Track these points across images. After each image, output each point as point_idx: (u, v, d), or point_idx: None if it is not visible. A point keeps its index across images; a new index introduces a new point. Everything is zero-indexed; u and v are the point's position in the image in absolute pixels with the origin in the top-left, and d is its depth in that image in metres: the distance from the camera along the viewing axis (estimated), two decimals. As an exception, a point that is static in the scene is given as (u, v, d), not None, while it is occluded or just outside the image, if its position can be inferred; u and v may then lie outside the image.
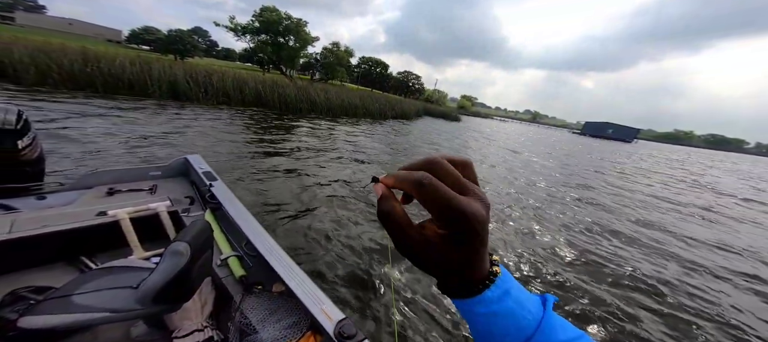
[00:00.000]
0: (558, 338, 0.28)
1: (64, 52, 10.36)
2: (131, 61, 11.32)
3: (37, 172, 2.00)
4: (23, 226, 1.53)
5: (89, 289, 1.09)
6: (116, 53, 12.22)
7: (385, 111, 21.84)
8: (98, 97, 9.67)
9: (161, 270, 1.04)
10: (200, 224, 1.21)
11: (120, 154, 4.82)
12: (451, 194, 0.26)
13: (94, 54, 11.02)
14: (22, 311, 1.01)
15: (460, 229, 0.26)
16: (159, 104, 10.35)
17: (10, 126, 1.77)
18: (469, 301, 0.30)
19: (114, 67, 10.75)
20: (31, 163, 1.92)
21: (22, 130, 1.83)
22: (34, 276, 1.50)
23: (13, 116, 1.80)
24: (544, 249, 3.91)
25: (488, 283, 0.30)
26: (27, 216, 1.62)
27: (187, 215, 2.02)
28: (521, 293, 0.31)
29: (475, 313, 0.30)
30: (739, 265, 4.38)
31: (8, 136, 1.76)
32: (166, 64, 12.79)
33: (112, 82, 10.67)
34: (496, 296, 0.30)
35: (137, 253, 1.70)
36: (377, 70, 60.17)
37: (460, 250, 0.27)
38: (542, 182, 8.34)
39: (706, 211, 7.79)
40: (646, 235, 5.13)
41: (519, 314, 0.29)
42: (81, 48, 11.46)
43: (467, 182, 0.28)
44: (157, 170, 2.49)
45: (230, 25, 34.38)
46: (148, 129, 6.70)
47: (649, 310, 2.93)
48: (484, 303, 0.30)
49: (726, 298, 3.38)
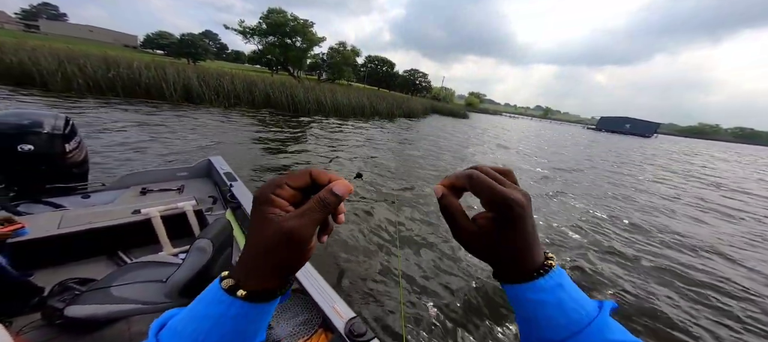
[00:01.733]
0: (614, 338, 0.29)
1: (88, 58, 10.95)
2: (147, 66, 11.79)
3: (83, 173, 2.21)
4: (70, 222, 1.70)
5: (125, 282, 1.20)
6: (132, 58, 12.63)
7: (392, 110, 21.67)
8: (119, 101, 10.08)
9: (187, 265, 1.13)
10: (221, 223, 1.29)
11: (150, 155, 5.17)
12: (494, 183, 0.31)
13: (114, 59, 11.53)
14: (68, 301, 1.13)
15: (503, 212, 0.30)
16: (176, 106, 10.82)
17: (59, 131, 1.97)
18: (520, 287, 0.31)
19: (132, 72, 11.23)
20: (78, 164, 2.12)
21: (69, 135, 2.03)
22: (79, 268, 1.66)
23: (61, 122, 2.00)
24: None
25: (542, 272, 0.31)
26: (73, 213, 1.79)
27: (210, 214, 2.15)
28: (577, 293, 0.32)
29: (526, 299, 0.31)
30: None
31: (57, 141, 1.96)
32: (180, 68, 13.17)
33: (131, 86, 11.14)
34: (549, 286, 0.31)
35: (166, 249, 1.83)
36: (383, 68, 59.87)
37: (507, 234, 0.30)
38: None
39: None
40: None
41: (570, 307, 0.30)
42: (103, 54, 12.07)
43: (507, 181, 0.33)
44: (184, 171, 2.66)
45: (239, 28, 34.98)
46: (174, 133, 7.10)
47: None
48: (535, 290, 0.31)
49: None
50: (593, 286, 3.11)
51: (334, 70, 46.69)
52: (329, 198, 0.30)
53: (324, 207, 0.30)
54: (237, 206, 2.18)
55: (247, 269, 0.28)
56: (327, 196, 0.30)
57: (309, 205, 0.29)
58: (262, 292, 0.28)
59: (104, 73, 10.70)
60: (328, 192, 0.30)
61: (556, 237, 4.19)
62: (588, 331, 0.29)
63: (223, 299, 0.27)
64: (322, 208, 0.29)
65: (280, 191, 0.30)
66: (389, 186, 5.50)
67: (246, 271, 0.28)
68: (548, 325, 0.30)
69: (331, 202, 0.30)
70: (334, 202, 0.30)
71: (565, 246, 3.95)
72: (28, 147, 1.81)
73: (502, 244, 0.31)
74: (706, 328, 2.70)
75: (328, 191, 0.30)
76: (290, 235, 0.27)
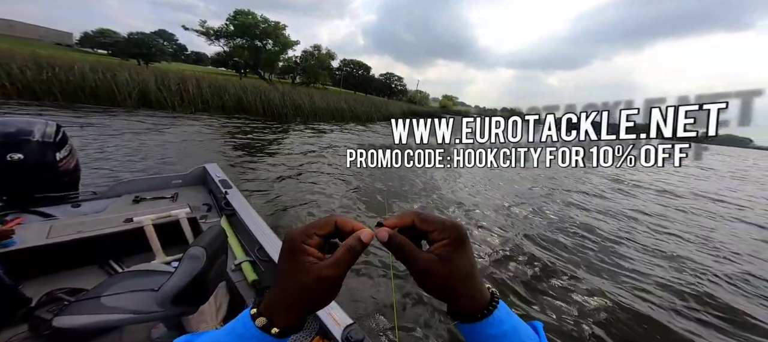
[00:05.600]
0: None
1: (12, 58, 9.42)
2: (92, 67, 10.52)
3: (73, 181, 2.17)
4: (60, 232, 1.66)
5: (116, 292, 1.18)
6: (69, 58, 11.36)
7: (371, 114, 21.39)
8: (58, 106, 8.87)
9: (179, 273, 1.11)
10: (215, 230, 1.27)
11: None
12: (438, 216, 0.35)
13: (47, 60, 10.17)
14: (56, 312, 1.10)
15: (456, 233, 0.33)
16: (132, 112, 9.83)
17: (50, 139, 1.94)
18: (479, 325, 0.33)
19: (72, 74, 9.91)
20: (68, 173, 2.09)
21: (60, 143, 2.00)
22: (68, 278, 1.62)
23: (52, 129, 1.97)
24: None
25: (494, 305, 0.34)
26: (63, 222, 1.76)
27: (205, 221, 2.12)
28: (517, 318, 0.35)
29: (488, 336, 0.33)
30: None
31: (48, 149, 1.93)
32: (133, 69, 12.07)
33: (72, 90, 9.79)
34: (504, 317, 0.34)
35: (159, 258, 1.80)
36: (359, 72, 58.97)
37: (461, 255, 0.33)
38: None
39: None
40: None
41: (524, 334, 0.33)
42: (31, 52, 10.68)
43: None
44: (179, 179, 2.63)
45: (201, 28, 33.01)
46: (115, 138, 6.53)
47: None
48: (494, 324, 0.33)
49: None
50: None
51: (309, 74, 44.98)
52: (357, 246, 0.33)
53: (354, 254, 0.33)
54: (232, 213, 2.16)
55: (277, 308, 0.32)
56: (355, 244, 0.33)
57: (342, 255, 0.33)
58: (288, 328, 0.32)
59: (35, 74, 9.35)
60: (356, 240, 0.34)
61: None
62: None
63: (255, 335, 0.31)
64: (352, 256, 0.33)
65: (310, 241, 0.33)
66: (377, 187, 5.63)
67: (277, 309, 0.32)
68: None
69: (359, 250, 0.33)
70: (361, 249, 0.34)
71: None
72: (18, 156, 1.78)
73: (460, 267, 0.33)
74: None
75: (355, 240, 0.34)
76: (328, 281, 0.32)
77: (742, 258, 4.41)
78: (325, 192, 5.06)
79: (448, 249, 0.33)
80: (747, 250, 4.70)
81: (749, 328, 2.83)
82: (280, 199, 4.50)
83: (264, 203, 4.23)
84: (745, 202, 8.74)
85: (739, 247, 4.83)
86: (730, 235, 5.46)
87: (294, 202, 4.47)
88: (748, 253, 4.62)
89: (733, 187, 11.68)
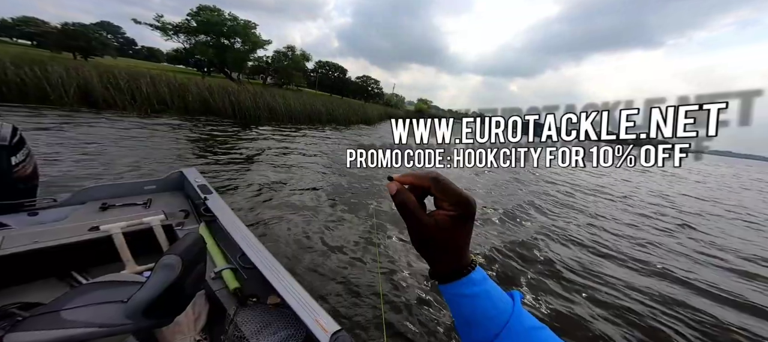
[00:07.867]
0: (529, 323, 0.33)
1: None
2: (14, 60, 9.22)
3: (30, 188, 1.98)
4: (14, 242, 1.51)
5: (78, 305, 1.07)
6: None
7: (349, 117, 21.37)
8: None
9: (151, 284, 1.03)
10: (192, 237, 1.19)
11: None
12: (458, 186, 0.35)
13: None
14: (8, 328, 0.99)
15: (466, 210, 0.35)
16: (72, 112, 8.63)
17: (5, 142, 1.77)
18: (457, 283, 0.35)
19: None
20: (25, 179, 1.90)
21: (16, 146, 1.83)
22: (24, 292, 1.48)
23: (7, 132, 1.80)
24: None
25: (472, 267, 0.36)
26: (18, 232, 1.60)
27: (182, 228, 2.00)
28: (495, 285, 0.36)
29: (462, 295, 0.35)
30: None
31: (2, 153, 1.76)
32: (71, 64, 10.83)
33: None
34: (480, 278, 0.35)
35: (130, 268, 1.67)
36: (335, 74, 58.37)
37: (462, 229, 0.35)
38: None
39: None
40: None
41: (497, 297, 0.34)
42: None
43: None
44: (152, 184, 2.48)
45: (157, 23, 29.34)
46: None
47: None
48: (470, 284, 0.35)
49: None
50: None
51: (283, 75, 43.22)
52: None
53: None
54: (212, 219, 2.05)
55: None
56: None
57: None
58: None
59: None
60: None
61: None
62: (512, 322, 0.32)
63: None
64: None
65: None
66: (363, 185, 5.70)
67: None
68: (484, 317, 0.33)
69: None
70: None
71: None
72: None
73: (456, 238, 0.35)
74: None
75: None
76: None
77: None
78: (307, 193, 4.96)
79: (450, 221, 0.34)
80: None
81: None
82: (261, 205, 4.36)
83: (244, 211, 4.08)
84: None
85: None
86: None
87: (279, 208, 4.34)
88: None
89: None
